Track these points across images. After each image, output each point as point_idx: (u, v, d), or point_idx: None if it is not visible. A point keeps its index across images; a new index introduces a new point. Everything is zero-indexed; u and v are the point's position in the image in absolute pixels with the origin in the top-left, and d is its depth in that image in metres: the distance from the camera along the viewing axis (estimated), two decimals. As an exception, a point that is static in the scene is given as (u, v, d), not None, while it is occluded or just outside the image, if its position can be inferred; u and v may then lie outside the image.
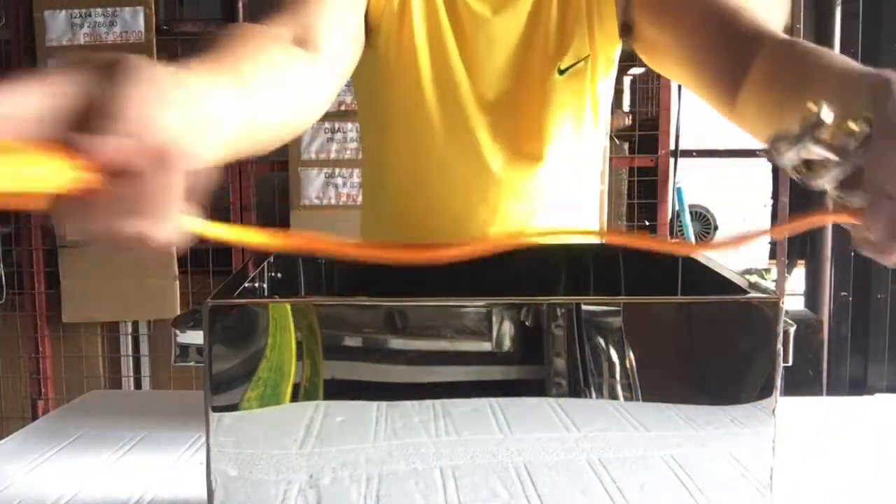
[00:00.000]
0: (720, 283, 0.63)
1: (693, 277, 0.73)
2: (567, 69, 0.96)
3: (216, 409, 0.53)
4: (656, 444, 0.54)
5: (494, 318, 0.53)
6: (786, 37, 0.72)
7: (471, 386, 0.54)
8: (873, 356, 2.59)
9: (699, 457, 0.54)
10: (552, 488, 0.54)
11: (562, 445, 0.53)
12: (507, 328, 0.53)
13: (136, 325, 2.62)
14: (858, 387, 2.59)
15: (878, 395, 1.12)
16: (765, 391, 0.53)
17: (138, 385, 2.62)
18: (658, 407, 0.53)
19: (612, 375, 0.53)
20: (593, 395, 0.53)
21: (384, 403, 0.53)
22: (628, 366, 0.53)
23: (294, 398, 0.53)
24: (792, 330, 0.55)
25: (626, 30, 0.96)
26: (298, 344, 0.52)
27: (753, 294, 0.55)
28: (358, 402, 0.53)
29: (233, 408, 0.53)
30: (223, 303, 0.53)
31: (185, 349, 0.56)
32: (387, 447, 0.53)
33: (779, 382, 0.53)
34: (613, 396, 0.53)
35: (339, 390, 0.53)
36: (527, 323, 0.53)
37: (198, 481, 0.79)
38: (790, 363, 0.55)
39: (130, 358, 2.62)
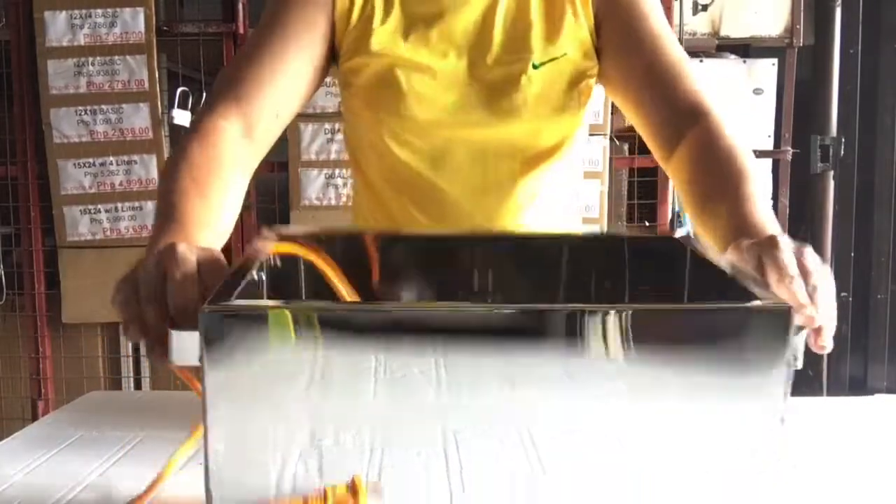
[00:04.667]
0: (725, 281, 0.62)
1: (697, 272, 0.72)
2: (542, 64, 0.97)
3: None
4: (661, 410, 0.53)
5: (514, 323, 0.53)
6: (711, 117, 0.89)
7: (475, 342, 0.53)
8: (873, 356, 2.59)
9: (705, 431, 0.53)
10: (557, 453, 0.53)
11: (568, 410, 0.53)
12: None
13: (136, 325, 2.61)
14: (858, 387, 2.59)
15: (878, 395, 1.12)
16: (773, 397, 0.53)
17: (138, 385, 2.62)
18: (660, 377, 0.53)
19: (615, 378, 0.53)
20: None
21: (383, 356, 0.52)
22: (632, 369, 0.53)
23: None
24: (803, 333, 0.54)
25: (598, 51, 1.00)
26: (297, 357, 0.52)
27: (763, 302, 0.54)
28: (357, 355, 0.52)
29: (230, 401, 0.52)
30: (219, 309, 0.53)
31: (182, 350, 0.55)
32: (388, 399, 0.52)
33: (788, 389, 0.53)
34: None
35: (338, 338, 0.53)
36: (531, 337, 0.53)
37: (198, 482, 0.79)
38: (800, 367, 0.55)
39: (130, 358, 2.62)
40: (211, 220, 0.79)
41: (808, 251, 0.64)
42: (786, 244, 0.63)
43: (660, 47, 0.96)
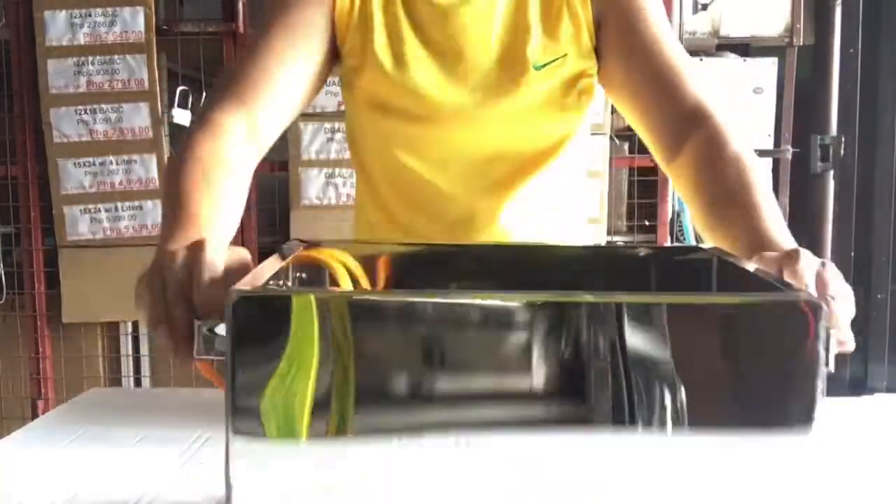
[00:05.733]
0: (751, 284, 0.62)
1: (726, 281, 0.72)
2: (544, 66, 0.97)
3: (237, 431, 0.52)
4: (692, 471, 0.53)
5: (532, 318, 0.52)
6: (714, 121, 0.89)
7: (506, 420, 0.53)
8: (873, 356, 2.59)
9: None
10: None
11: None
12: (545, 332, 0.52)
13: (136, 325, 2.61)
14: (858, 387, 2.59)
15: (878, 395, 1.12)
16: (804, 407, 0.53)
17: (138, 385, 2.62)
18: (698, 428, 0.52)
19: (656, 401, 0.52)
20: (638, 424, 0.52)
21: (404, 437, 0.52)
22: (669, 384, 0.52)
23: (313, 425, 0.52)
24: (833, 335, 0.54)
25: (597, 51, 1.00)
26: (324, 353, 0.51)
27: (796, 295, 0.54)
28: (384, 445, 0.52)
29: (253, 417, 0.52)
30: (248, 293, 0.52)
31: (209, 340, 0.55)
32: (402, 474, 0.52)
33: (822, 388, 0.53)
34: (654, 423, 0.52)
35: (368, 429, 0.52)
36: (565, 331, 0.52)
37: (198, 480, 0.79)
38: (832, 370, 0.54)
39: (130, 358, 2.62)
40: (220, 217, 0.79)
41: (829, 264, 0.64)
42: (806, 256, 0.64)
43: (660, 51, 0.95)
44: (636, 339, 0.52)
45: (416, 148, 1.01)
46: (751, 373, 0.53)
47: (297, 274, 0.73)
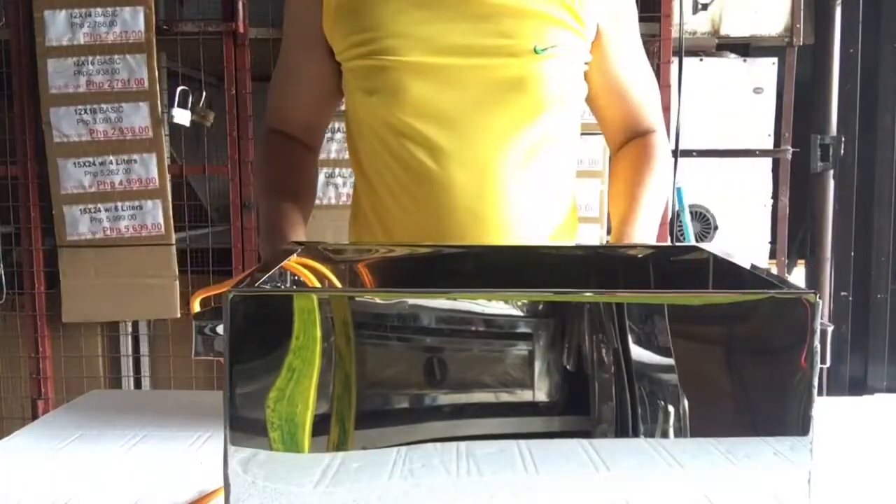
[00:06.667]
0: (748, 282, 0.62)
1: (723, 279, 0.72)
2: (544, 50, 0.98)
3: (235, 426, 0.52)
4: (689, 478, 0.52)
5: (534, 315, 0.52)
6: (651, 136, 1.12)
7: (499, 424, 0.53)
8: (873, 356, 2.59)
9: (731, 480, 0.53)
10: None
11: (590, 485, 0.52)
12: (544, 336, 0.52)
13: (136, 325, 2.61)
14: (858, 387, 2.59)
15: (878, 395, 1.12)
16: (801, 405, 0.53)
17: (138, 385, 2.62)
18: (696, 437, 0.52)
19: (657, 413, 0.52)
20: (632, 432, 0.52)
21: (405, 447, 0.52)
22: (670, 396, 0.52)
23: (314, 435, 0.52)
24: (827, 333, 0.54)
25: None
26: (326, 351, 0.51)
27: (795, 291, 0.54)
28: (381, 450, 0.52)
29: (252, 422, 0.52)
30: (245, 293, 0.52)
31: (207, 341, 0.55)
32: (403, 486, 0.52)
33: (815, 390, 0.53)
34: (650, 433, 0.52)
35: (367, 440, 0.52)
36: (566, 328, 0.52)
37: (197, 481, 0.79)
38: (828, 364, 0.55)
39: (130, 358, 2.62)
40: (295, 217, 1.04)
41: None
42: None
43: (631, 64, 1.09)
44: (637, 336, 0.52)
45: (411, 134, 1.00)
46: (750, 367, 0.54)
47: (294, 277, 0.73)
